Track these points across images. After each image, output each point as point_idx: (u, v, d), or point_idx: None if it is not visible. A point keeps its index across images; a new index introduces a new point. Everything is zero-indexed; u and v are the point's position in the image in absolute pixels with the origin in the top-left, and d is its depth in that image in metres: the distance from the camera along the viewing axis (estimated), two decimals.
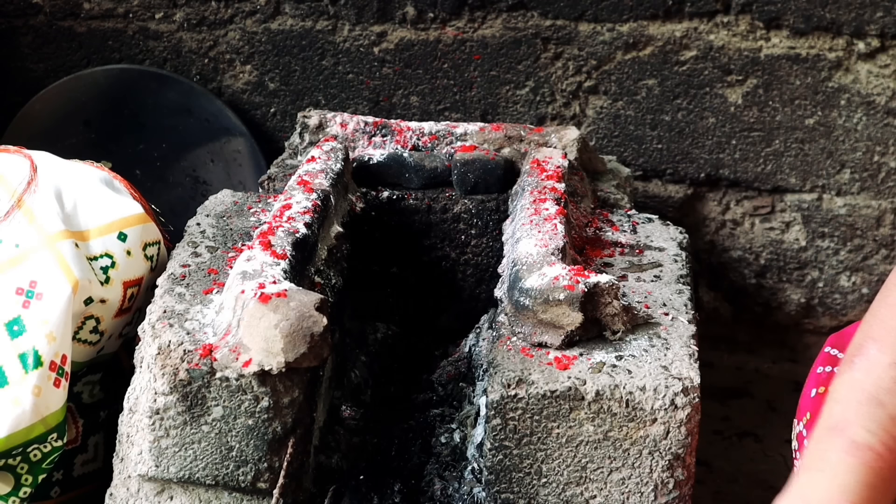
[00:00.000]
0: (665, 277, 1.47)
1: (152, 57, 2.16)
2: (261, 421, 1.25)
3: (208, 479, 1.28)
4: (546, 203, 1.50)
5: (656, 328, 1.33)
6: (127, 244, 1.48)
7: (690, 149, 2.10)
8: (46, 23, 2.16)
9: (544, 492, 1.25)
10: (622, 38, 2.03)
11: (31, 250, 1.41)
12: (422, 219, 1.70)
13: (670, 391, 1.22)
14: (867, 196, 2.09)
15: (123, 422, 1.34)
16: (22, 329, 1.37)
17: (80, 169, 1.53)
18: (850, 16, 1.97)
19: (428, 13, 2.06)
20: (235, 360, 1.23)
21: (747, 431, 2.05)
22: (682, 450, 1.23)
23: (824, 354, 1.36)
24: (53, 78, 2.16)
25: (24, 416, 1.35)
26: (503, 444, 1.24)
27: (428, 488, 1.38)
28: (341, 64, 2.11)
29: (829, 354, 1.35)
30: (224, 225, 1.55)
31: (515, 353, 1.28)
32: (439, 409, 1.51)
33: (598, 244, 1.55)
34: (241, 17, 2.11)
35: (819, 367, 1.34)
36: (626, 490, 1.24)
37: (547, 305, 1.27)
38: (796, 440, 1.32)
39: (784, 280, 2.18)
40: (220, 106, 2.13)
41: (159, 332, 1.29)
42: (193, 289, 1.38)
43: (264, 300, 1.22)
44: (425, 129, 1.77)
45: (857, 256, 2.14)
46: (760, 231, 2.15)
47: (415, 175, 1.69)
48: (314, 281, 1.43)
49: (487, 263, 1.70)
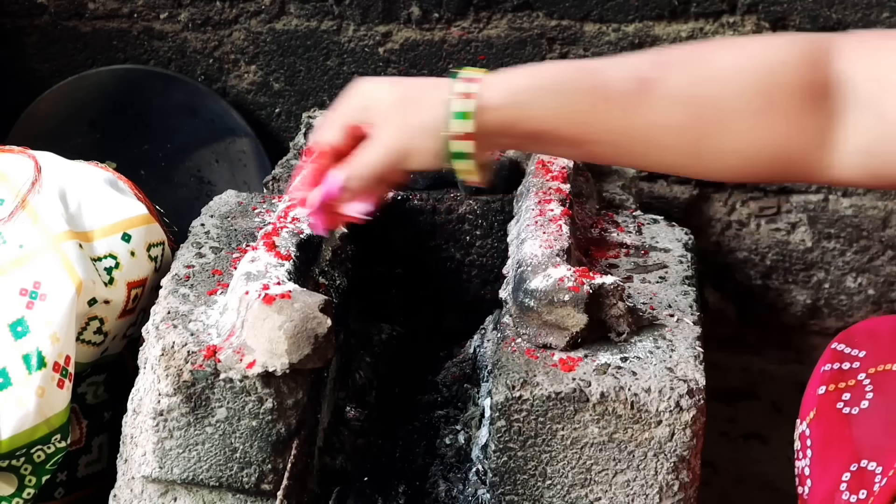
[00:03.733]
0: (670, 279, 1.46)
1: (157, 57, 2.16)
2: (265, 422, 1.25)
3: (212, 480, 1.28)
4: (551, 204, 1.49)
5: (661, 330, 1.33)
6: (131, 245, 1.48)
7: None
8: (51, 23, 2.16)
9: (549, 494, 1.25)
10: (628, 39, 2.03)
11: (35, 251, 1.41)
12: (427, 219, 1.70)
13: (675, 393, 1.21)
14: (873, 197, 2.09)
15: (127, 423, 1.33)
16: (26, 330, 1.37)
17: (84, 169, 1.53)
18: (856, 16, 1.97)
19: (433, 13, 2.06)
20: (239, 361, 1.23)
21: (753, 433, 2.04)
22: (688, 452, 1.23)
23: (830, 351, 1.35)
24: (58, 78, 2.16)
25: (27, 417, 1.35)
26: (508, 445, 1.24)
27: (432, 490, 1.37)
28: (346, 64, 2.11)
29: (836, 350, 1.34)
30: (228, 226, 1.55)
31: (520, 354, 1.27)
32: (444, 410, 1.51)
33: (604, 245, 1.55)
34: (245, 18, 2.11)
35: (825, 365, 1.33)
36: (630, 492, 1.24)
37: (552, 307, 1.26)
38: (799, 440, 1.31)
39: (790, 281, 2.17)
40: (225, 106, 2.13)
41: (163, 333, 1.28)
42: (197, 290, 1.38)
43: (268, 301, 1.22)
44: None
45: (863, 257, 2.13)
46: (766, 232, 2.15)
47: (419, 175, 1.69)
48: (318, 282, 1.43)
49: (492, 264, 1.70)
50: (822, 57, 1.05)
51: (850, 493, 1.18)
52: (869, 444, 1.20)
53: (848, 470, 1.20)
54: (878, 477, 1.16)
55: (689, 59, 1.08)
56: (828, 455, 1.24)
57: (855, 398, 1.26)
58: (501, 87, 1.11)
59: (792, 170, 1.08)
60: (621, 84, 1.07)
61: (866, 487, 1.16)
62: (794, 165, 1.07)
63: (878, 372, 1.28)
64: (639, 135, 1.08)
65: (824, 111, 1.04)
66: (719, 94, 1.06)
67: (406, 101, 1.14)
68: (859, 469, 1.19)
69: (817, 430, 1.27)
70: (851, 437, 1.22)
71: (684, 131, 1.07)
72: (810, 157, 1.06)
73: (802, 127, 1.05)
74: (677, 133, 1.07)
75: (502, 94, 1.10)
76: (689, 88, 1.06)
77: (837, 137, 1.04)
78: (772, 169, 1.09)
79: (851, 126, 1.04)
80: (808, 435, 1.29)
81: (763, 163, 1.07)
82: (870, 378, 1.27)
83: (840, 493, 1.19)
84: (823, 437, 1.26)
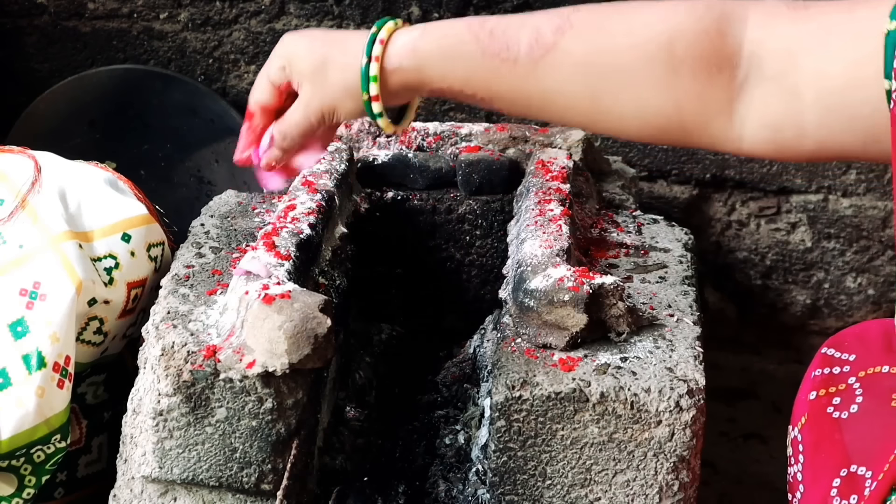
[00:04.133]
0: (670, 279, 1.46)
1: (157, 57, 2.16)
2: (265, 422, 1.25)
3: (212, 480, 1.28)
4: (551, 204, 1.49)
5: (661, 330, 1.33)
6: (131, 245, 1.48)
7: (696, 149, 2.09)
8: (51, 23, 2.17)
9: (549, 494, 1.25)
10: None
11: (35, 251, 1.41)
12: (426, 219, 1.70)
13: (675, 393, 1.21)
14: (873, 197, 2.09)
15: (127, 423, 1.33)
16: (25, 330, 1.37)
17: (84, 169, 1.53)
18: None
19: (433, 14, 2.06)
20: (239, 361, 1.23)
21: (753, 433, 2.04)
22: (688, 452, 1.23)
23: (821, 356, 1.34)
24: (58, 78, 2.16)
25: (27, 418, 1.35)
26: (507, 445, 1.24)
27: (432, 490, 1.37)
28: None
29: (826, 355, 1.33)
30: (228, 226, 1.55)
31: (520, 354, 1.27)
32: (444, 410, 1.51)
33: (604, 245, 1.55)
34: (245, 18, 2.11)
35: (816, 370, 1.32)
36: (630, 492, 1.24)
37: (552, 307, 1.26)
38: (791, 446, 1.30)
39: (790, 281, 2.17)
40: (225, 106, 2.13)
41: (163, 333, 1.28)
42: (197, 290, 1.38)
43: (268, 301, 1.22)
44: (430, 130, 1.77)
45: (862, 257, 2.13)
46: (766, 232, 2.15)
47: (419, 176, 1.69)
48: (318, 282, 1.43)
49: (492, 264, 1.70)
50: (731, 26, 1.05)
51: (841, 499, 1.18)
52: (859, 448, 1.20)
53: (838, 475, 1.19)
54: (868, 481, 1.16)
55: (590, 24, 1.09)
56: (819, 460, 1.24)
57: (845, 402, 1.26)
58: (408, 49, 1.13)
59: (690, 136, 1.09)
60: (522, 48, 1.09)
61: (857, 492, 1.16)
62: (693, 132, 1.08)
63: (867, 375, 1.27)
64: (538, 97, 1.11)
65: (728, 81, 1.04)
66: (616, 63, 1.07)
67: (325, 62, 1.17)
68: (849, 474, 1.18)
69: (809, 436, 1.27)
70: (842, 442, 1.22)
71: (582, 97, 1.09)
72: (711, 127, 1.06)
73: (699, 96, 1.05)
74: (576, 98, 1.09)
75: (409, 58, 1.13)
76: (587, 56, 1.07)
77: (744, 109, 1.05)
78: (668, 134, 1.10)
79: (758, 99, 1.04)
80: (799, 440, 1.28)
81: (660, 128, 1.09)
82: (860, 382, 1.27)
83: (831, 498, 1.19)
84: (815, 442, 1.25)
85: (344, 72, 1.16)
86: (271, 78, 1.22)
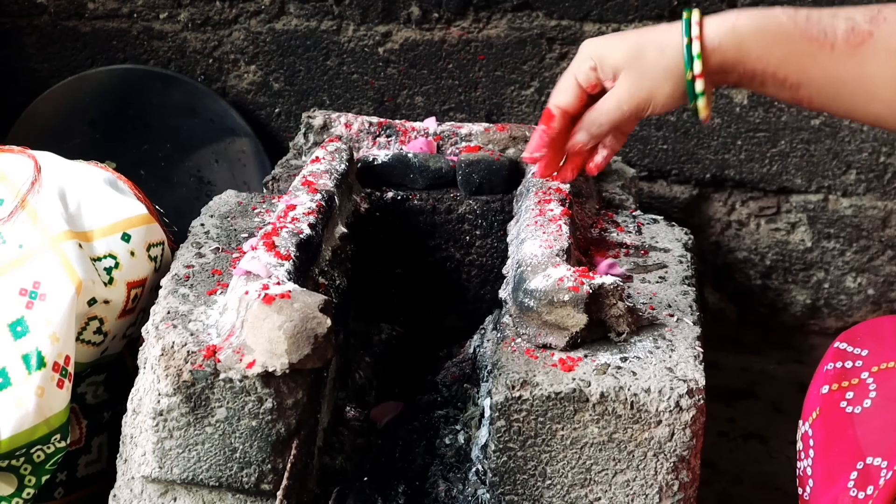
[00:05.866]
0: (670, 279, 1.47)
1: (157, 57, 2.16)
2: (264, 422, 1.25)
3: (212, 480, 1.28)
4: (551, 204, 1.49)
5: (661, 330, 1.33)
6: (131, 245, 1.48)
7: (696, 149, 2.10)
8: (51, 23, 2.17)
9: (549, 494, 1.25)
10: None
11: (35, 251, 1.41)
12: (426, 219, 1.70)
13: (675, 393, 1.21)
14: (873, 197, 2.09)
15: (127, 423, 1.33)
16: (25, 330, 1.37)
17: (83, 169, 1.53)
18: None
19: (433, 13, 2.06)
20: (239, 361, 1.23)
21: (753, 433, 2.04)
22: (687, 452, 1.23)
23: (833, 350, 1.34)
24: (58, 78, 2.16)
25: (27, 417, 1.35)
26: (507, 445, 1.24)
27: (432, 490, 1.37)
28: (346, 64, 2.11)
29: (839, 349, 1.34)
30: (228, 225, 1.55)
31: (520, 354, 1.27)
32: (443, 410, 1.51)
33: (603, 245, 1.55)
34: (245, 18, 2.11)
35: (828, 364, 1.33)
36: (630, 492, 1.24)
37: (552, 307, 1.26)
38: (801, 441, 1.31)
39: (790, 281, 2.17)
40: (225, 106, 2.13)
41: (163, 333, 1.28)
42: (197, 290, 1.38)
43: (268, 301, 1.22)
44: (430, 130, 1.77)
45: (862, 257, 2.13)
46: (766, 232, 2.15)
47: (419, 176, 1.69)
48: (318, 282, 1.43)
49: (492, 264, 1.70)
50: None
51: (858, 490, 1.18)
52: (873, 442, 1.20)
53: (855, 468, 1.19)
54: (883, 471, 1.16)
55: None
56: (831, 455, 1.24)
57: (858, 397, 1.26)
58: (726, 28, 1.16)
59: None
60: (840, 34, 1.12)
61: (872, 482, 1.16)
62: None
63: (881, 370, 1.28)
64: (852, 84, 1.13)
65: None
66: None
67: (641, 48, 1.20)
68: (865, 466, 1.19)
69: (820, 431, 1.27)
70: (855, 437, 1.22)
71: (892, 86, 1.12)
72: None
73: None
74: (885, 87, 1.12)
75: (729, 36, 1.16)
76: None
77: None
78: None
79: None
80: (810, 435, 1.28)
81: None
82: (873, 376, 1.27)
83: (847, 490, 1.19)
84: (827, 437, 1.26)
85: (663, 53, 1.19)
86: (580, 78, 1.24)
